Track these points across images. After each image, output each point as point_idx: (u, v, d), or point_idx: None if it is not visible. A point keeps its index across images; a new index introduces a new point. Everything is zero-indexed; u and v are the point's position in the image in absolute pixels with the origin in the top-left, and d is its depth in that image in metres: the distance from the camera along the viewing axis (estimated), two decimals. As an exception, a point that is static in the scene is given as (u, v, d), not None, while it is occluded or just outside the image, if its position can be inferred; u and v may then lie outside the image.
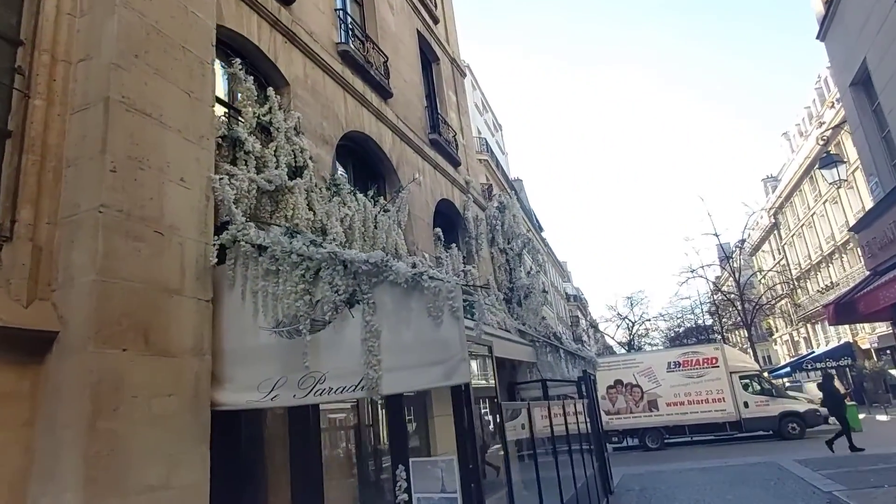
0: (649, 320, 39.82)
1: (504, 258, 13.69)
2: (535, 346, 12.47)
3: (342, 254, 4.07)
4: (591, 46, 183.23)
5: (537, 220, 59.50)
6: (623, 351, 36.90)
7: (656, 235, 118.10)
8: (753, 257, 52.99)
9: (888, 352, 33.74)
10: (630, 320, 39.62)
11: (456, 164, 12.36)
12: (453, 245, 10.99)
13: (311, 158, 6.56)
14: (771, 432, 19.40)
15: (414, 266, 4.14)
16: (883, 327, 33.82)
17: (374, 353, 3.81)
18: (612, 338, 41.36)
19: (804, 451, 15.01)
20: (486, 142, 34.51)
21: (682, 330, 40.55)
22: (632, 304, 41.35)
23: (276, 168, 5.77)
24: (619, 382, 20.69)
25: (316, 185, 6.52)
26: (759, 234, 51.80)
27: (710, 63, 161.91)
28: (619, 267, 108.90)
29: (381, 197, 8.60)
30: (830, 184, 11.35)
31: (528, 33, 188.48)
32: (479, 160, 33.08)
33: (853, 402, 21.01)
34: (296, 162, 6.27)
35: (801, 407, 19.20)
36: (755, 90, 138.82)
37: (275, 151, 5.95)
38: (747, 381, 20.09)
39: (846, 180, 11.42)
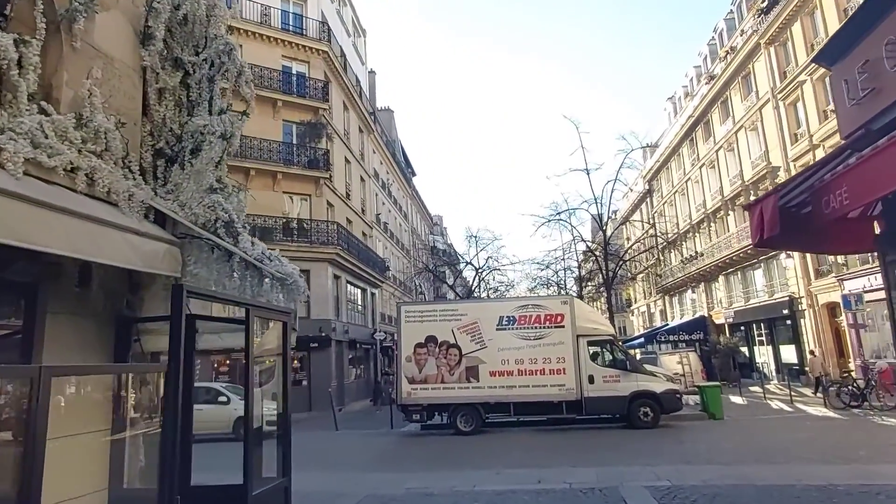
0: (498, 269, 33.77)
1: (178, 77, 6.84)
2: (182, 245, 5.95)
3: None
4: (509, 30, 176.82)
5: (406, 158, 52.93)
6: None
7: (539, 206, 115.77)
8: (624, 226, 50.58)
9: (742, 328, 31.73)
10: (474, 265, 33.54)
11: None
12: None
13: None
14: (618, 416, 14.70)
15: None
16: (740, 301, 31.75)
17: None
18: (452, 287, 35.56)
19: (659, 453, 10.13)
20: (331, 31, 26.96)
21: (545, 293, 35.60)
22: (476, 243, 34.58)
23: None
24: (431, 340, 14.94)
25: None
26: (635, 194, 49.22)
27: (611, 49, 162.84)
28: (499, 231, 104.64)
29: None
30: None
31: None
32: (316, 49, 25.60)
33: (717, 383, 17.06)
34: None
35: (658, 386, 14.61)
36: (657, 73, 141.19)
37: None
38: (597, 348, 15.21)
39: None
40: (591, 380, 14.56)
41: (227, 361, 22.53)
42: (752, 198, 27.58)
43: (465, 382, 14.65)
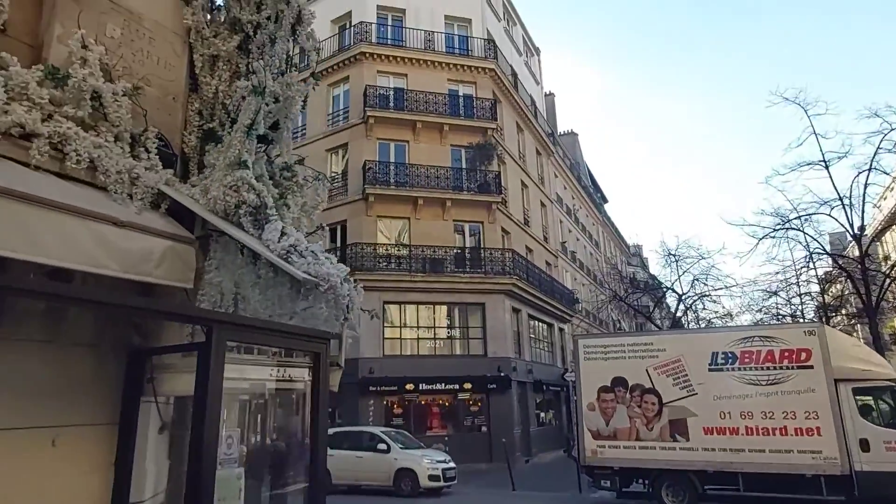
0: (708, 295, 26.69)
1: (235, 41, 5.33)
2: (206, 244, 4.18)
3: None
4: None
5: (595, 183, 49.34)
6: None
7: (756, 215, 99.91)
8: (880, 241, 40.12)
9: None
10: (676, 291, 27.25)
11: None
12: None
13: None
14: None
15: None
16: None
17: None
18: (650, 319, 29.97)
19: None
20: (498, 48, 25.58)
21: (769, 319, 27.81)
22: (677, 262, 26.83)
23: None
24: (620, 383, 11.69)
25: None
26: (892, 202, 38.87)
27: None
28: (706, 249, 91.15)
29: None
30: None
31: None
32: (482, 68, 24.34)
33: None
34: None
35: None
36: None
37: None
38: (870, 398, 10.53)
39: None
40: (864, 446, 9.95)
41: (406, 402, 21.25)
42: None
43: (669, 441, 11.07)
